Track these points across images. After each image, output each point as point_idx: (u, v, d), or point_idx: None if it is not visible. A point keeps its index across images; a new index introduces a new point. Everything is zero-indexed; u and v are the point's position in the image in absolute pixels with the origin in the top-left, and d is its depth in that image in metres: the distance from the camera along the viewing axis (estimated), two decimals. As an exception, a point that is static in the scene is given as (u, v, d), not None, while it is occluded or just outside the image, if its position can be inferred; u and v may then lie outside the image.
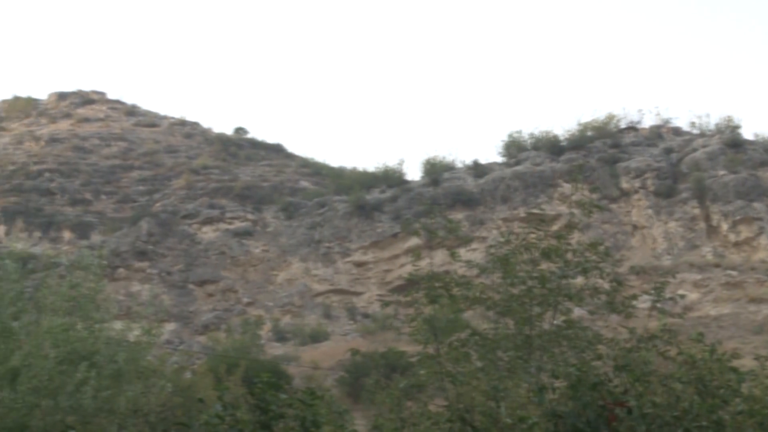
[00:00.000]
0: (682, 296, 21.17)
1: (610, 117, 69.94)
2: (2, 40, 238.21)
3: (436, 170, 68.25)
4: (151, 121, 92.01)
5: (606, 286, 16.48)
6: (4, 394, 22.31)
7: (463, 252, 20.95)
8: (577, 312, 17.09)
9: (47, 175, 75.56)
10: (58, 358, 22.56)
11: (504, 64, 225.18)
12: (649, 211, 60.45)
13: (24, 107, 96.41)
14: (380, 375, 23.45)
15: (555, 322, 16.14)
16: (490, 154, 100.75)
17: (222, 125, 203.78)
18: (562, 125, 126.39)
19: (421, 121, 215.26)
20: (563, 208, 54.95)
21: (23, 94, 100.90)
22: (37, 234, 68.53)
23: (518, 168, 65.26)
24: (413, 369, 17.41)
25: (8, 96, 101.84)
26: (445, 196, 64.02)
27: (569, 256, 16.46)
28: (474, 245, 56.37)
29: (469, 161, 70.19)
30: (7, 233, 68.47)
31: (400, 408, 14.48)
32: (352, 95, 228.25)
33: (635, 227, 60.77)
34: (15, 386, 22.32)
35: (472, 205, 63.53)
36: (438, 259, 16.90)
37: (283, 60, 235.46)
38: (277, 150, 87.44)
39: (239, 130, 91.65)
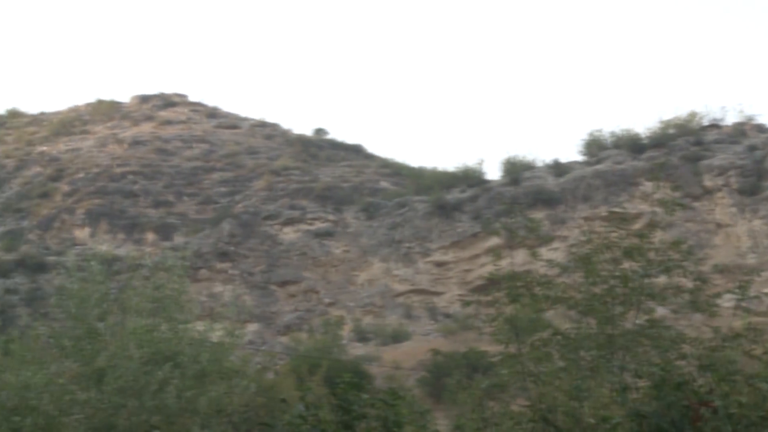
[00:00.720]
0: (768, 294, 20.97)
1: (693, 114, 69.07)
2: (87, 45, 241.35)
3: (516, 169, 67.93)
4: (232, 122, 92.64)
5: (689, 284, 16.33)
6: (91, 394, 22.59)
7: (544, 251, 20.82)
8: (660, 311, 16.95)
9: (130, 177, 76.29)
10: (143, 358, 22.79)
11: (584, 63, 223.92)
12: (733, 209, 59.64)
13: (107, 110, 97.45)
14: (462, 375, 23.43)
15: (637, 321, 16.01)
16: (571, 152, 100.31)
17: (302, 126, 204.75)
18: (644, 123, 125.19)
19: (501, 121, 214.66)
20: (645, 207, 54.44)
21: (106, 98, 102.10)
22: (121, 236, 69.21)
23: (599, 166, 64.73)
24: (495, 369, 17.36)
25: (92, 99, 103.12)
26: (526, 195, 63.69)
27: (651, 254, 16.32)
28: (555, 244, 56.04)
29: (549, 160, 69.80)
30: (92, 235, 69.25)
31: (481, 408, 14.45)
32: (431, 95, 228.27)
33: (718, 225, 59.97)
34: (101, 387, 22.58)
35: (553, 204, 63.12)
36: (519, 259, 16.82)
37: (363, 61, 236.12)
38: (357, 151, 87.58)
39: (319, 131, 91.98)
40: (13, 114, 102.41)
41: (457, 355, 40.98)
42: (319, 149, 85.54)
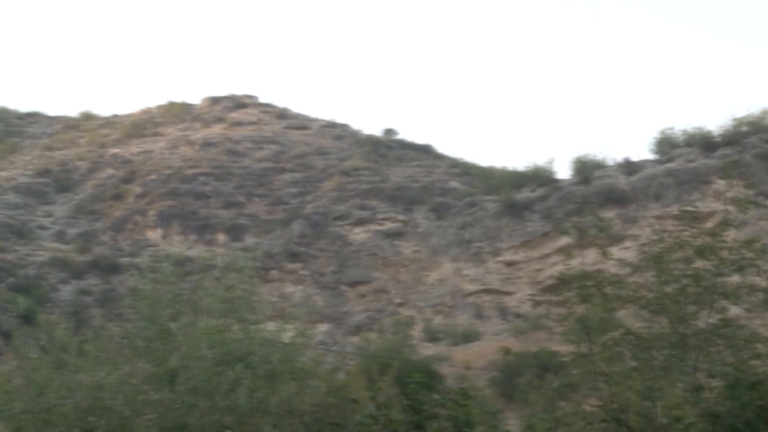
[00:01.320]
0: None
1: (766, 112, 68.12)
2: (158, 47, 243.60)
3: (586, 168, 67.51)
4: (302, 123, 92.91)
5: (763, 283, 16.16)
6: (164, 394, 22.79)
7: (615, 250, 20.71)
8: (734, 310, 16.77)
9: (201, 178, 76.77)
10: (215, 359, 22.93)
11: (656, 60, 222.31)
12: (807, 207, 58.89)
13: (178, 112, 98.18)
14: (533, 375, 23.36)
15: (710, 320, 15.88)
16: (642, 151, 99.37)
17: (372, 127, 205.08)
18: (716, 121, 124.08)
19: (572, 119, 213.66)
20: (717, 205, 53.84)
21: (178, 100, 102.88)
22: (193, 237, 69.64)
23: (671, 165, 64.13)
24: (566, 369, 17.30)
25: (163, 102, 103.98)
26: (596, 194, 63.27)
27: (724, 253, 16.18)
28: (626, 243, 55.62)
29: (620, 159, 69.27)
30: (164, 236, 69.79)
31: (553, 408, 14.41)
32: (501, 94, 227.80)
33: (792, 223, 59.26)
34: (174, 387, 22.76)
35: (624, 203, 62.66)
36: (589, 258, 16.72)
37: (431, 60, 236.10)
38: (426, 151, 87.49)
39: (389, 132, 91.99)
40: (86, 116, 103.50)
41: (528, 355, 40.81)
42: (388, 149, 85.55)
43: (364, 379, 32.50)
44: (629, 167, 66.79)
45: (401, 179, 75.48)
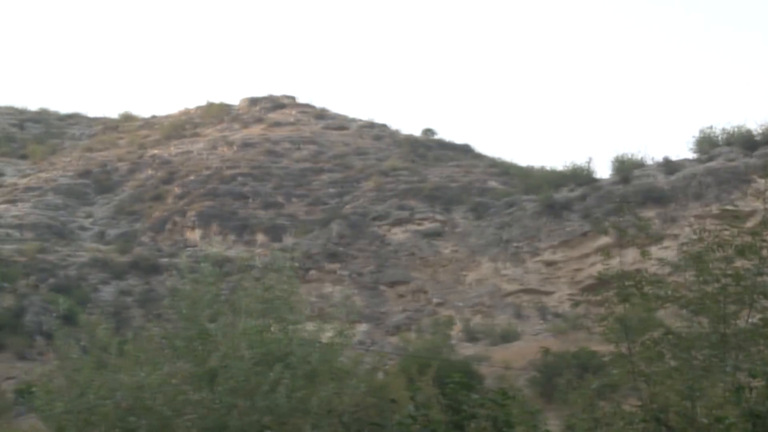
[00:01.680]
0: None
1: (807, 109, 67.72)
2: (197, 49, 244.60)
3: (626, 168, 67.26)
4: (341, 124, 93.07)
5: (805, 282, 16.05)
6: (204, 394, 22.87)
7: (654, 250, 20.67)
8: (775, 310, 16.67)
9: (240, 179, 77.04)
10: (254, 359, 22.98)
11: (696, 59, 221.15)
12: None
13: (217, 113, 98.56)
14: (572, 375, 23.29)
15: (751, 320, 15.78)
16: (682, 150, 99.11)
17: (410, 127, 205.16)
18: (756, 119, 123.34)
19: (610, 118, 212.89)
20: (758, 204, 53.49)
21: (216, 101, 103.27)
22: (232, 237, 69.93)
23: (711, 164, 63.76)
24: (606, 369, 17.24)
25: (202, 102, 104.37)
26: (636, 193, 63.01)
27: (765, 252, 16.07)
28: (666, 243, 55.40)
29: (659, 158, 68.96)
30: (203, 237, 70.10)
31: (593, 408, 14.38)
32: (540, 93, 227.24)
33: (835, 222, 58.60)
34: (213, 387, 22.84)
35: (664, 202, 62.36)
36: (629, 258, 16.67)
37: (471, 60, 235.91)
38: (465, 150, 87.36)
39: (427, 132, 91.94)
40: (126, 118, 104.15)
41: (568, 354, 40.71)
42: (427, 149, 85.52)
43: (403, 379, 32.50)
44: (669, 166, 66.47)
45: (440, 179, 75.43)
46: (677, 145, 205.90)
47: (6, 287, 58.19)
